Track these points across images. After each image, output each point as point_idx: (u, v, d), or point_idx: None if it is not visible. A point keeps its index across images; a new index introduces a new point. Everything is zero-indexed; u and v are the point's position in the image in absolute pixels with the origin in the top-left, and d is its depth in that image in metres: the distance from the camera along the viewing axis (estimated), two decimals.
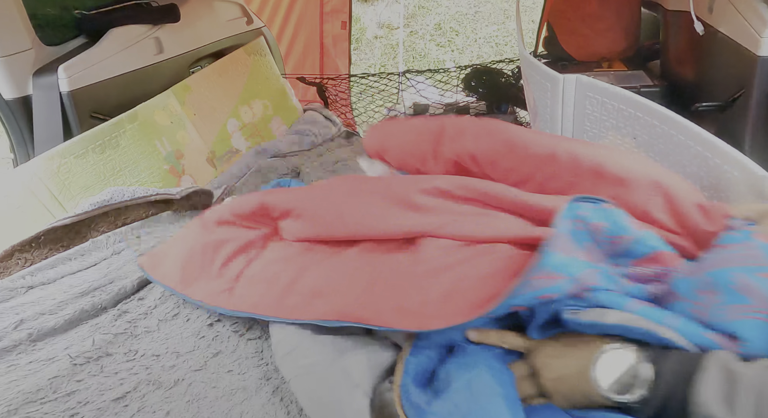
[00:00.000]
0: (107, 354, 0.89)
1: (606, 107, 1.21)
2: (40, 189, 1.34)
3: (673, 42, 1.96)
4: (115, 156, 1.50)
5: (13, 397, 0.78)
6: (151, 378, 0.82)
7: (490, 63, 2.56)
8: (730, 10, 1.45)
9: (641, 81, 2.02)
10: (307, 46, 2.97)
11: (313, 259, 0.81)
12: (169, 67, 1.87)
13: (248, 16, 2.35)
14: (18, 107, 1.45)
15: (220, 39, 2.16)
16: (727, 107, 1.51)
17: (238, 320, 0.97)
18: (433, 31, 5.34)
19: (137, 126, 1.59)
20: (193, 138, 1.81)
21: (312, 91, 2.76)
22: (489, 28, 5.31)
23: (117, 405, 0.77)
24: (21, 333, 0.94)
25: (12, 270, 1.15)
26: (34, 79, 1.46)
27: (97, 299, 1.03)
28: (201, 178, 1.78)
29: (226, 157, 1.94)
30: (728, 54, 1.49)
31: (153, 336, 0.94)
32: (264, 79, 2.22)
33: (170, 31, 1.86)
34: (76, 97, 1.49)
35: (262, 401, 0.77)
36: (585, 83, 1.25)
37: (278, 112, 2.26)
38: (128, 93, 1.67)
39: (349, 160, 2.02)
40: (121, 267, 1.17)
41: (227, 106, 2.02)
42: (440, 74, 2.60)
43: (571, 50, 2.29)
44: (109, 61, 1.61)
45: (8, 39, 1.41)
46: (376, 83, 2.70)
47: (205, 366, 0.85)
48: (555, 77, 1.32)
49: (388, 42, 5.21)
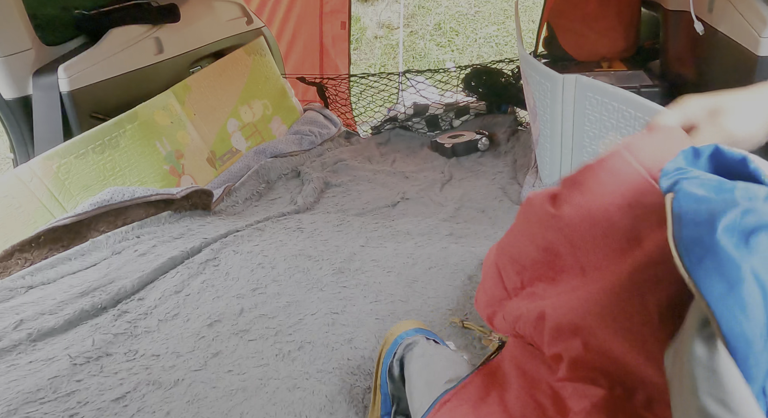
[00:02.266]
0: (107, 354, 0.89)
1: (606, 107, 1.21)
2: (40, 189, 1.33)
3: (673, 42, 1.95)
4: (115, 156, 1.50)
5: (13, 397, 0.78)
6: (151, 378, 0.82)
7: (490, 63, 2.56)
8: (730, 10, 1.45)
9: (641, 81, 2.02)
10: (307, 46, 2.97)
11: None
12: (169, 67, 1.87)
13: (248, 16, 2.35)
14: (18, 107, 1.45)
15: (220, 39, 2.16)
16: None
17: (237, 320, 0.98)
18: (433, 31, 5.34)
19: (137, 126, 1.59)
20: (193, 138, 1.81)
21: (312, 91, 2.76)
22: (489, 28, 5.31)
23: (117, 405, 0.77)
24: (21, 333, 0.94)
25: (12, 270, 1.15)
26: (34, 79, 1.45)
27: (97, 299, 1.03)
28: (201, 178, 1.78)
29: (226, 158, 1.94)
30: (728, 54, 1.49)
31: (153, 336, 0.94)
32: (264, 79, 2.22)
33: (170, 31, 1.86)
34: (76, 97, 1.49)
35: (262, 401, 0.77)
36: (585, 83, 1.25)
37: (278, 112, 2.26)
38: (128, 93, 1.67)
39: (349, 161, 2.02)
40: (121, 267, 1.17)
41: (227, 106, 2.02)
42: (440, 74, 2.60)
43: (571, 50, 2.29)
44: (109, 61, 1.61)
45: (8, 39, 1.41)
46: (376, 83, 2.70)
47: (205, 366, 0.85)
48: (555, 77, 1.32)
49: (388, 42, 5.21)
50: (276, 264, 1.17)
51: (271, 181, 1.88)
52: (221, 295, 1.07)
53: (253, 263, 1.17)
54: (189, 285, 1.11)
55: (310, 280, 1.11)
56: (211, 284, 1.12)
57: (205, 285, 1.11)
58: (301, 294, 1.06)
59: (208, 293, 1.08)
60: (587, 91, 1.25)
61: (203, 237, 1.30)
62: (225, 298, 1.06)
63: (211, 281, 1.13)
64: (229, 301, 1.05)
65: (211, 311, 1.01)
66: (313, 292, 1.07)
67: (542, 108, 1.46)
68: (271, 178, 1.88)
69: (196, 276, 1.15)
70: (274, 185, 1.87)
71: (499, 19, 5.39)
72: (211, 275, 1.15)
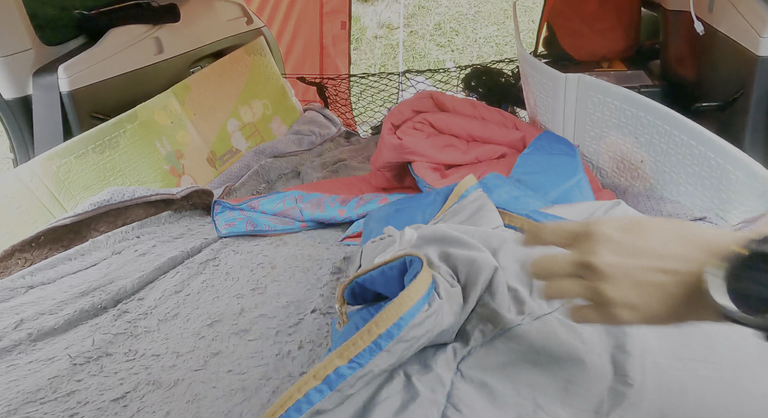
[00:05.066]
0: (107, 354, 0.89)
1: (608, 106, 1.20)
2: (40, 189, 1.33)
3: (673, 42, 1.95)
4: (115, 156, 1.50)
5: (13, 397, 0.78)
6: (150, 378, 0.82)
7: (490, 63, 2.56)
8: (730, 9, 1.45)
9: (641, 81, 2.02)
10: (307, 46, 2.97)
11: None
12: (169, 67, 1.87)
13: (248, 16, 2.35)
14: (18, 107, 1.45)
15: (220, 39, 2.16)
16: (726, 107, 1.51)
17: (238, 320, 0.97)
18: (433, 31, 5.34)
19: (137, 126, 1.59)
20: (193, 138, 1.81)
21: (312, 91, 2.76)
22: (489, 28, 5.31)
23: (117, 405, 0.77)
24: (21, 333, 0.94)
25: (12, 270, 1.15)
26: (34, 79, 1.45)
27: (97, 299, 1.03)
28: (201, 178, 1.78)
29: (226, 157, 1.94)
30: (728, 54, 1.49)
31: (153, 336, 0.94)
32: (264, 79, 2.22)
33: (170, 31, 1.86)
34: (76, 97, 1.49)
35: (262, 401, 0.77)
36: (587, 82, 1.25)
37: (278, 112, 2.26)
38: (128, 93, 1.67)
39: (348, 160, 2.02)
40: (121, 267, 1.17)
41: (227, 106, 2.02)
42: (440, 74, 2.60)
43: (571, 50, 2.29)
44: (109, 61, 1.61)
45: (8, 39, 1.41)
46: (376, 83, 2.70)
47: (205, 366, 0.85)
48: (557, 76, 1.32)
49: (388, 42, 5.20)
50: (276, 264, 1.16)
51: (271, 181, 1.87)
52: (221, 295, 1.07)
53: (253, 263, 1.17)
54: (189, 285, 1.11)
55: (310, 280, 1.11)
56: (211, 284, 1.12)
57: (205, 285, 1.11)
58: (301, 294, 1.06)
59: (208, 293, 1.08)
60: (589, 90, 1.25)
61: (203, 237, 1.30)
62: (225, 298, 1.06)
63: (211, 280, 1.13)
64: (229, 301, 1.04)
65: (211, 311, 1.01)
66: (313, 292, 1.07)
67: (543, 108, 1.46)
68: (271, 178, 1.88)
69: (196, 276, 1.15)
70: (274, 185, 1.86)
71: (499, 19, 5.39)
72: (211, 275, 1.15)
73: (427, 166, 1.41)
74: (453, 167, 1.44)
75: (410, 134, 1.49)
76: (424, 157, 1.42)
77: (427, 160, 1.42)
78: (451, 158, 1.43)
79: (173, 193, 1.38)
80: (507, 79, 2.47)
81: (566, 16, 2.27)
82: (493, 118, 1.50)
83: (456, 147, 1.46)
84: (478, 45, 5.17)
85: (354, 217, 1.28)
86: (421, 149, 1.42)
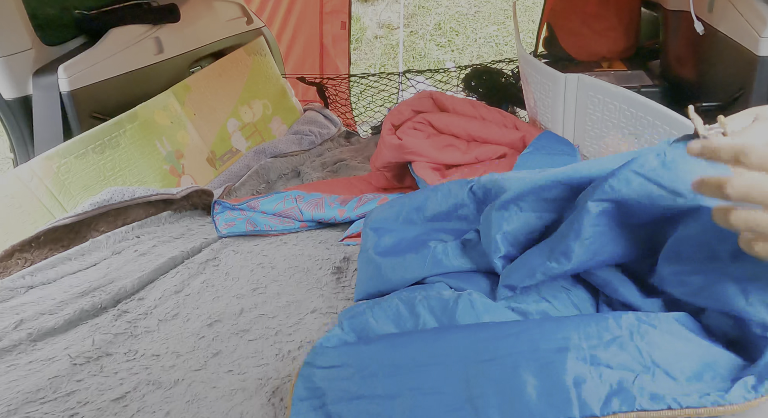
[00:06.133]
0: (107, 354, 0.89)
1: (608, 107, 1.20)
2: (40, 189, 1.33)
3: (673, 42, 1.95)
4: (115, 156, 1.50)
5: (13, 397, 0.78)
6: (150, 378, 0.82)
7: (490, 63, 2.56)
8: (730, 9, 1.45)
9: (641, 81, 2.02)
10: (307, 46, 2.97)
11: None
12: (169, 67, 1.87)
13: (248, 15, 2.35)
14: (18, 107, 1.45)
15: (220, 39, 2.16)
16: (727, 107, 1.51)
17: (237, 320, 0.97)
18: (433, 31, 5.34)
19: (137, 126, 1.59)
20: (193, 138, 1.81)
21: (312, 91, 2.76)
22: (489, 28, 5.31)
23: (117, 405, 0.77)
24: (21, 333, 0.94)
25: (12, 270, 1.15)
26: (34, 79, 1.45)
27: (97, 299, 1.02)
28: (201, 178, 1.78)
29: (226, 157, 1.94)
30: (728, 54, 1.49)
31: (153, 336, 0.94)
32: (264, 79, 2.22)
33: (170, 31, 1.86)
34: (76, 97, 1.49)
35: (262, 401, 0.77)
36: (587, 82, 1.25)
37: (278, 112, 2.26)
38: (128, 93, 1.67)
39: (349, 160, 2.02)
40: (121, 267, 1.17)
41: (227, 106, 2.02)
42: (440, 74, 2.60)
43: (571, 50, 2.29)
44: (109, 61, 1.61)
45: (8, 39, 1.41)
46: (376, 83, 2.70)
47: (205, 366, 0.85)
48: (557, 76, 1.32)
49: (388, 42, 5.21)
50: (276, 264, 1.16)
51: (271, 181, 1.87)
52: (221, 295, 1.07)
53: (253, 263, 1.17)
54: (189, 285, 1.11)
55: (310, 280, 1.11)
56: (211, 284, 1.11)
57: (205, 285, 1.11)
58: (301, 294, 1.06)
59: (208, 293, 1.08)
60: (589, 90, 1.25)
61: (203, 237, 1.30)
62: (225, 298, 1.06)
63: (211, 280, 1.13)
64: (229, 301, 1.04)
65: (211, 311, 1.01)
66: (313, 292, 1.07)
67: (543, 108, 1.46)
68: (271, 178, 1.88)
69: (196, 276, 1.15)
70: (274, 185, 1.86)
71: (499, 19, 5.39)
72: (211, 274, 1.15)
73: (427, 166, 1.41)
74: (453, 167, 1.44)
75: (410, 134, 1.49)
76: (424, 158, 1.42)
77: (427, 160, 1.42)
78: (451, 158, 1.43)
79: (173, 194, 1.38)
80: (507, 79, 2.47)
81: (566, 16, 2.27)
82: (493, 118, 1.51)
83: (456, 147, 1.47)
84: (478, 45, 5.17)
85: (354, 217, 1.28)
86: (421, 149, 1.42)
